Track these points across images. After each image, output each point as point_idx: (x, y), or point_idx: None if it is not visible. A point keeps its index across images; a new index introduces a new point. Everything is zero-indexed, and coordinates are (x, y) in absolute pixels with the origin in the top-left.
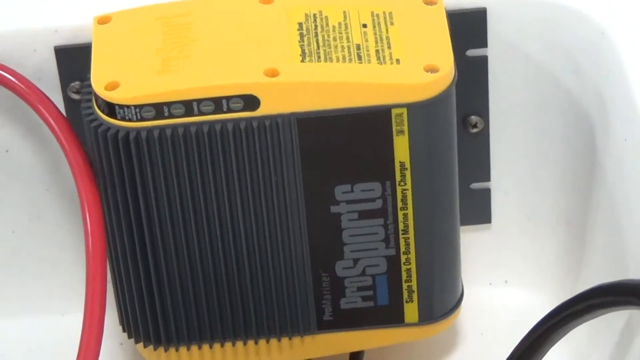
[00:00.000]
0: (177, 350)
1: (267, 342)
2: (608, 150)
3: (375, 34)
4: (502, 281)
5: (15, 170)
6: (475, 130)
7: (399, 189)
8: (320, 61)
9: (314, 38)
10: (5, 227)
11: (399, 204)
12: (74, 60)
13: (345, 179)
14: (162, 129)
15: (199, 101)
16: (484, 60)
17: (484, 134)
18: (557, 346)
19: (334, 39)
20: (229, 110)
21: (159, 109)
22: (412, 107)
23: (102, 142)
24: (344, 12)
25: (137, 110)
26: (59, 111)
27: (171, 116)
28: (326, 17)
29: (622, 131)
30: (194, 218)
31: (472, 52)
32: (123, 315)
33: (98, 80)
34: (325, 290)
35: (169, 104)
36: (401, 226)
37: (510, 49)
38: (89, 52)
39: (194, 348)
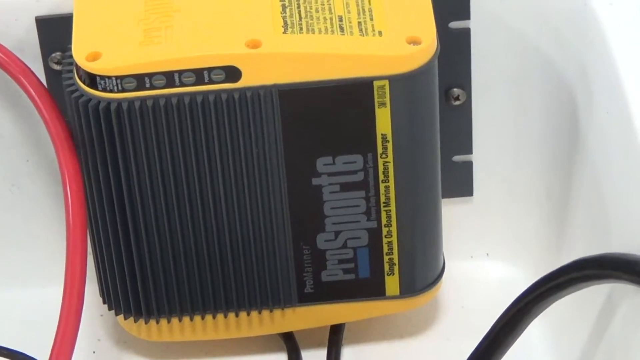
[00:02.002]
0: (157, 322)
1: (248, 314)
2: (591, 123)
3: (357, 5)
4: (484, 254)
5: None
6: (457, 102)
7: (380, 162)
8: (303, 33)
9: (296, 10)
10: None
11: (381, 177)
12: (55, 30)
13: (326, 151)
14: (143, 100)
15: (181, 72)
16: (466, 32)
17: (466, 107)
18: (538, 319)
19: (316, 11)
20: (211, 82)
21: (141, 80)
22: (394, 79)
23: (83, 113)
24: None
25: (119, 81)
26: (40, 82)
27: (152, 87)
28: None
29: (604, 104)
30: (174, 190)
31: (454, 25)
32: (103, 287)
33: (79, 51)
34: (306, 263)
35: (151, 75)
36: (382, 199)
37: (493, 21)
38: (71, 23)
39: (175, 320)
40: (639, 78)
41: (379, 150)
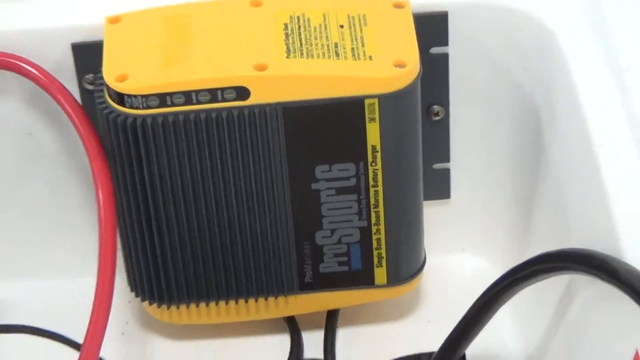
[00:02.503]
0: (177, 307)
1: (256, 301)
2: (552, 136)
3: (351, 33)
4: (460, 249)
5: (37, 150)
6: (437, 118)
7: (370, 169)
8: (303, 57)
9: (297, 37)
10: (28, 200)
11: (371, 182)
12: (88, 55)
13: (324, 159)
14: (165, 116)
15: (197, 92)
16: (445, 57)
17: (445, 122)
18: (507, 305)
19: (315, 38)
20: (223, 100)
21: (163, 99)
22: (382, 98)
23: (112, 128)
24: (324, 15)
25: (143, 99)
26: (75, 100)
27: (173, 105)
28: (308, 18)
29: (564, 119)
30: (192, 193)
31: (435, 50)
32: (131, 277)
33: (109, 73)
34: (306, 257)
35: (171, 94)
36: (372, 201)
37: (468, 48)
38: (101, 48)
39: (192, 306)
40: (594, 98)
41: (369, 159)
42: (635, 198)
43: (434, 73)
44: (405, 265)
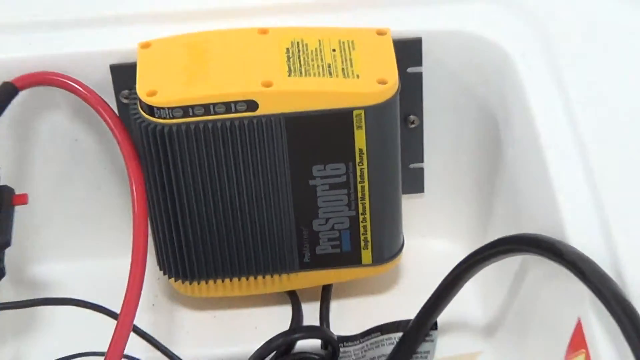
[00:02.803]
0: (198, 283)
1: (263, 277)
2: (509, 140)
3: (341, 56)
4: (432, 234)
5: (82, 153)
6: (413, 125)
7: (358, 168)
8: (302, 76)
9: (297, 59)
10: (75, 196)
11: (358, 179)
12: (124, 74)
13: (319, 160)
14: (187, 124)
15: (214, 104)
16: (419, 75)
17: (419, 129)
18: (472, 280)
19: (312, 60)
20: (236, 111)
21: (185, 110)
22: (368, 109)
23: (144, 134)
24: (319, 40)
25: (170, 111)
26: (113, 112)
27: (194, 115)
28: (306, 44)
29: (518, 126)
30: (210, 188)
31: (411, 70)
32: (159, 258)
33: (141, 89)
34: (305, 241)
35: (193, 107)
36: (359, 195)
37: (438, 68)
38: (135, 69)
39: (210, 281)
40: (543, 108)
41: (357, 160)
42: (577, 191)
43: (410, 89)
44: (387, 247)
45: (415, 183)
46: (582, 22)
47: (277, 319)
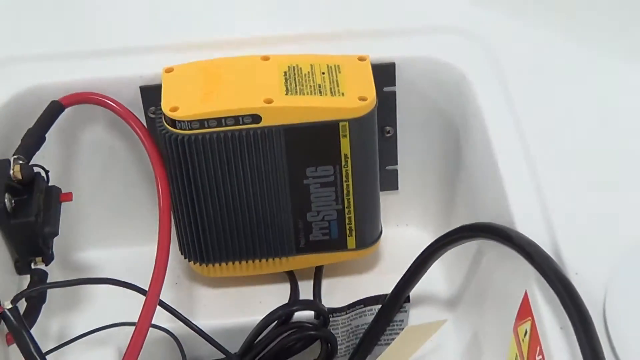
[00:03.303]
0: (212, 265)
1: (267, 260)
2: (468, 146)
3: (329, 78)
4: (405, 224)
5: (117, 158)
6: (388, 135)
7: (343, 170)
8: (297, 94)
9: (293, 80)
10: (110, 194)
11: (344, 179)
12: (151, 94)
13: (312, 163)
14: (203, 135)
15: (225, 118)
16: (393, 94)
17: (394, 137)
18: (438, 261)
19: (305, 81)
20: (243, 124)
21: (202, 123)
22: (351, 121)
23: (168, 142)
24: (311, 65)
25: (189, 123)
26: (143, 125)
27: (209, 127)
28: (300, 68)
29: (475, 134)
30: (222, 187)
31: (386, 89)
32: (181, 244)
33: (165, 106)
34: (300, 230)
35: (207, 120)
36: (345, 191)
37: (409, 87)
38: (160, 89)
39: (223, 264)
40: (495, 119)
41: (343, 163)
42: (522, 187)
43: (386, 104)
44: (368, 235)
45: (390, 182)
46: (527, 51)
47: (278, 294)
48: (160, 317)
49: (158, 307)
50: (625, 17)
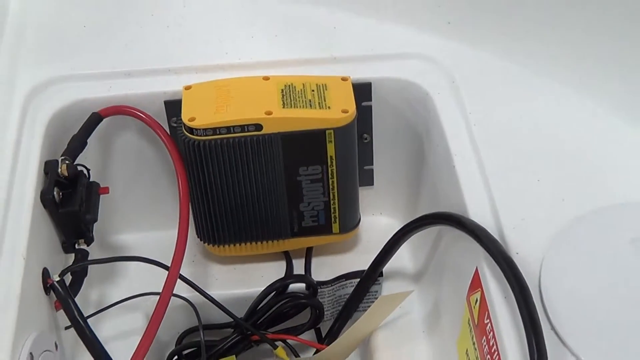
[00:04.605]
0: (223, 246)
1: (267, 242)
2: (429, 150)
3: (318, 94)
4: (379, 213)
5: (145, 159)
6: (366, 140)
7: (329, 169)
8: (292, 107)
9: (289, 96)
10: (139, 188)
11: (329, 176)
12: (174, 107)
13: (303, 163)
14: (215, 140)
15: (233, 126)
16: (370, 107)
17: (370, 143)
18: (406, 243)
19: (298, 97)
20: (248, 131)
21: (214, 130)
22: (335, 129)
23: (187, 146)
24: (303, 84)
25: (204, 131)
26: (166, 132)
27: (220, 134)
28: (294, 86)
29: (436, 140)
30: (231, 183)
31: (364, 103)
32: (198, 229)
33: (185, 116)
34: (294, 218)
35: (219, 128)
36: (330, 186)
37: (382, 102)
38: (181, 103)
39: (231, 245)
40: (452, 128)
41: (329, 163)
42: (474, 183)
43: (364, 116)
44: (349, 222)
45: (367, 179)
46: (478, 74)
47: (276, 270)
48: (180, 288)
49: (178, 280)
50: (560, 47)
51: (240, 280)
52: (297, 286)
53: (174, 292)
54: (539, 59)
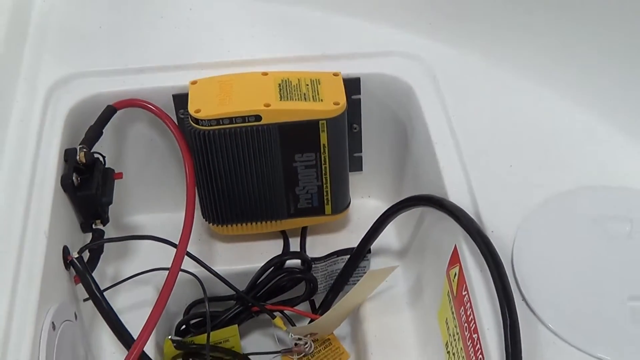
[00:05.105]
0: (226, 226)
1: (266, 222)
2: (413, 137)
3: (312, 88)
4: (367, 196)
5: (155, 147)
6: (355, 130)
7: (322, 156)
8: (288, 100)
9: (285, 90)
10: (150, 174)
11: (322, 162)
12: (181, 100)
13: (299, 151)
14: (218, 130)
15: (235, 117)
16: (359, 100)
17: (359, 132)
18: (390, 224)
19: (294, 90)
20: (248, 122)
21: (218, 121)
22: (328, 120)
23: (193, 136)
24: (298, 79)
25: (208, 122)
26: (174, 122)
27: (222, 124)
28: (290, 81)
29: (418, 129)
30: (233, 168)
31: (353, 96)
32: (203, 210)
33: (191, 108)
34: (290, 200)
35: (222, 119)
36: (323, 172)
37: (370, 95)
38: (187, 96)
39: (233, 225)
40: (433, 118)
41: (322, 150)
42: (453, 168)
43: (353, 108)
44: (340, 204)
45: (357, 165)
46: (457, 70)
47: (274, 247)
48: (187, 264)
49: (185, 256)
50: (528, 45)
51: (241, 257)
52: (293, 262)
53: (181, 267)
54: (511, 57)
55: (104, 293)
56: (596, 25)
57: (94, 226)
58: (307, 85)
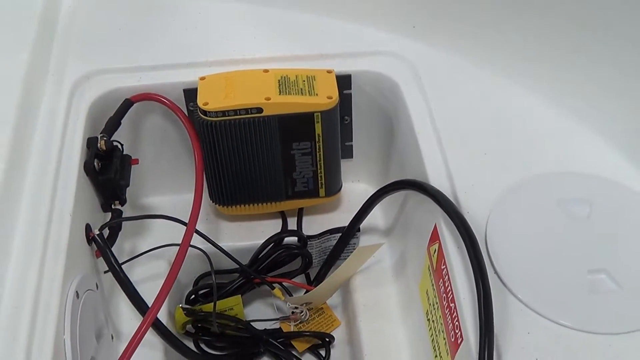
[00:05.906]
0: (231, 207)
1: (266, 204)
2: (398, 129)
3: (308, 83)
4: (357, 180)
5: (168, 137)
6: (346, 122)
7: (317, 145)
8: (287, 94)
9: (284, 85)
10: (164, 160)
11: (317, 150)
12: (191, 94)
13: (296, 140)
14: (225, 121)
15: (239, 109)
16: (350, 95)
17: (350, 123)
18: (378, 206)
19: (292, 85)
20: (251, 114)
21: (224, 113)
22: (322, 112)
23: (202, 126)
24: (296, 76)
25: (215, 113)
26: (185, 114)
27: (228, 116)
28: (289, 77)
29: (403, 121)
30: (237, 155)
31: (345, 91)
32: (210, 192)
33: (200, 102)
34: (288, 184)
35: (227, 111)
36: (318, 159)
37: (360, 90)
38: (197, 91)
39: (238, 206)
40: (417, 111)
41: (316, 140)
42: (434, 156)
43: (345, 102)
44: (333, 187)
45: (348, 153)
46: (440, 69)
47: (274, 226)
48: (196, 240)
49: (195, 234)
50: (509, 49)
51: (244, 234)
52: (291, 239)
53: (191, 243)
54: (487, 57)
55: (122, 266)
56: (566, 27)
57: (113, 206)
58: (304, 81)
